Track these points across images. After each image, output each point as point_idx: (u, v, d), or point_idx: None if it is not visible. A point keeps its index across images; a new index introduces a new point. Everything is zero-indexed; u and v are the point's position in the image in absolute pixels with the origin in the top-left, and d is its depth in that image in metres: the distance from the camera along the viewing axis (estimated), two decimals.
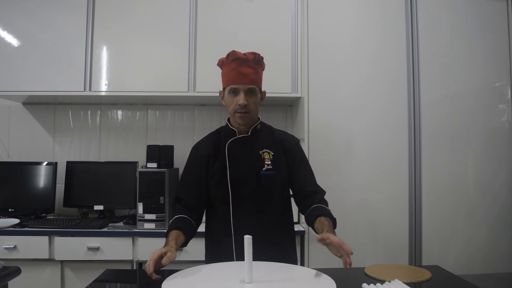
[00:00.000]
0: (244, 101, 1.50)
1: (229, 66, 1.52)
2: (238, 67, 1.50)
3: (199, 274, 1.31)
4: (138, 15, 2.52)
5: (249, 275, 1.19)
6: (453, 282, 1.38)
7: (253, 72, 1.52)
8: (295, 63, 2.50)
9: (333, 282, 1.21)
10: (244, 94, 1.50)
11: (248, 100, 1.51)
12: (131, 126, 2.89)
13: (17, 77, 2.49)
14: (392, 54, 2.41)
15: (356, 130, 2.38)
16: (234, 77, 1.51)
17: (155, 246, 2.22)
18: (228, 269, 1.36)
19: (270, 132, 1.65)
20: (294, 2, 2.52)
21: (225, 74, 1.55)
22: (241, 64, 1.51)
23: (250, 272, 1.19)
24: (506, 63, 2.46)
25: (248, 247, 1.20)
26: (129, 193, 2.57)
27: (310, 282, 1.24)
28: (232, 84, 1.51)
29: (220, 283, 1.25)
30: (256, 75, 1.54)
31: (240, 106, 1.50)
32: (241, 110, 1.51)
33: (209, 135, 1.68)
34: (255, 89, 1.53)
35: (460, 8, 2.44)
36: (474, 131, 2.41)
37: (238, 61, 1.51)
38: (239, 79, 1.50)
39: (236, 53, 1.52)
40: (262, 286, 1.18)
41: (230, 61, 1.52)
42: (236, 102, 1.51)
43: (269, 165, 1.56)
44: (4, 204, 2.58)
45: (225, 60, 1.55)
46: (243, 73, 1.50)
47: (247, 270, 1.19)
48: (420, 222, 2.35)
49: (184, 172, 1.63)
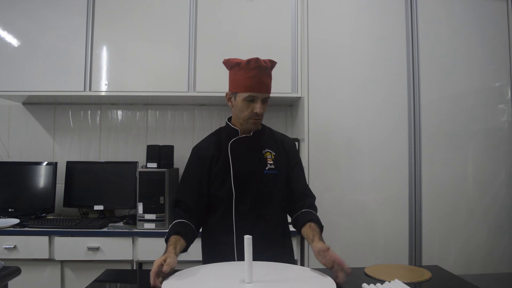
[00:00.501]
0: (261, 109, 1.51)
1: (249, 72, 1.49)
2: (259, 75, 1.49)
3: (199, 274, 1.31)
4: (138, 15, 2.52)
5: (249, 275, 1.19)
6: (453, 282, 1.38)
7: (270, 80, 1.55)
8: (295, 63, 2.50)
9: (333, 282, 1.21)
10: (261, 102, 1.51)
11: (263, 108, 1.53)
12: (131, 126, 2.89)
13: (17, 77, 2.49)
14: (392, 54, 2.41)
15: (356, 130, 2.38)
16: (254, 85, 1.49)
17: (155, 246, 2.25)
18: (228, 269, 1.36)
19: (270, 133, 1.67)
20: (294, 2, 2.52)
21: (243, 79, 1.51)
22: (262, 73, 1.50)
23: (250, 272, 1.19)
24: (506, 63, 2.46)
25: (248, 247, 1.20)
26: (129, 193, 2.57)
27: (310, 282, 1.24)
28: (252, 92, 1.50)
29: (220, 283, 1.25)
30: (271, 84, 1.56)
31: (256, 113, 1.51)
32: (256, 117, 1.52)
33: (208, 136, 1.67)
34: (269, 97, 1.56)
35: (460, 8, 2.45)
36: (474, 131, 2.41)
37: (260, 69, 1.49)
38: (260, 87, 1.50)
39: (259, 61, 1.50)
40: (262, 286, 1.18)
41: (251, 68, 1.49)
42: (252, 109, 1.51)
43: (272, 165, 1.57)
44: (4, 204, 2.58)
45: (244, 65, 1.51)
46: (264, 82, 1.50)
47: (247, 270, 1.19)
48: (420, 222, 2.36)
49: (185, 174, 1.62)
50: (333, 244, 2.30)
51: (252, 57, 1.51)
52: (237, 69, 1.52)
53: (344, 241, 2.32)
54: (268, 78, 1.53)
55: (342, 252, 2.29)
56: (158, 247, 2.25)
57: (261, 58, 1.51)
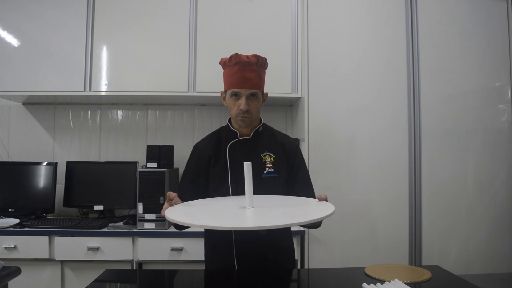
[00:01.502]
0: (245, 106, 1.48)
1: (231, 68, 1.50)
2: (241, 71, 1.48)
3: (201, 203, 1.33)
4: (138, 15, 2.52)
5: (249, 201, 1.21)
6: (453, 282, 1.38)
7: (256, 75, 1.51)
8: (295, 63, 2.50)
9: (332, 206, 1.21)
10: (246, 99, 1.49)
11: (250, 104, 1.50)
12: (131, 126, 2.89)
13: (17, 77, 2.49)
14: (392, 54, 2.41)
15: (356, 130, 2.38)
16: (236, 81, 1.49)
17: (155, 246, 2.25)
18: (229, 200, 1.40)
19: (271, 134, 1.65)
20: (294, 2, 2.52)
21: (227, 76, 1.53)
22: (244, 68, 1.49)
23: (251, 199, 1.21)
24: (506, 63, 2.46)
25: (248, 173, 1.21)
26: (129, 193, 2.57)
27: (310, 206, 1.26)
28: (234, 88, 1.50)
29: (221, 208, 1.27)
30: (258, 79, 1.52)
31: (241, 110, 1.49)
32: (242, 114, 1.50)
33: (209, 135, 1.67)
34: (257, 93, 1.52)
35: (460, 8, 2.45)
36: (474, 131, 2.41)
37: (241, 65, 1.49)
38: (242, 83, 1.48)
39: (239, 56, 1.49)
40: (262, 210, 1.19)
41: (232, 64, 1.50)
42: (237, 107, 1.50)
43: (271, 168, 1.55)
44: (4, 204, 2.58)
45: (227, 62, 1.53)
46: (246, 77, 1.48)
47: (247, 197, 1.20)
48: (420, 222, 2.36)
49: (185, 173, 1.63)
50: (333, 244, 2.32)
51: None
52: (225, 68, 1.55)
53: (344, 241, 2.32)
54: (252, 73, 1.49)
55: (342, 252, 2.31)
56: (158, 247, 2.26)
57: (243, 54, 1.51)
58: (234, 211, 1.20)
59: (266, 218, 1.15)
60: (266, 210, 1.19)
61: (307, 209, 1.24)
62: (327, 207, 1.20)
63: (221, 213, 1.22)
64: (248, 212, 1.17)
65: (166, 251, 2.25)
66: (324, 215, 1.08)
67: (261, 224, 1.03)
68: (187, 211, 1.23)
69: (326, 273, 1.28)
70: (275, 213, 1.19)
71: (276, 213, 1.19)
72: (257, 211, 1.17)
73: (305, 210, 1.23)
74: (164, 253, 2.25)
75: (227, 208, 1.25)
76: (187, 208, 1.25)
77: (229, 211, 1.22)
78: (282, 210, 1.22)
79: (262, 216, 1.16)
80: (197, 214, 1.22)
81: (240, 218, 1.14)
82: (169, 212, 1.19)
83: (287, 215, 1.16)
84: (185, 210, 1.23)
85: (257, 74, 1.51)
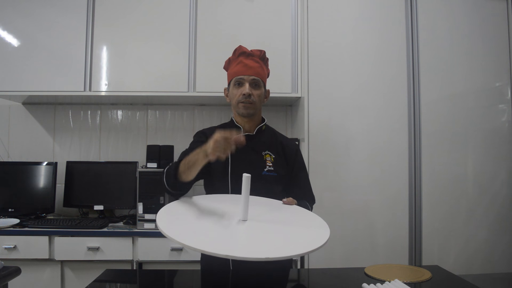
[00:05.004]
0: (248, 90, 1.51)
1: (235, 60, 1.56)
2: (245, 60, 1.54)
3: (196, 207, 1.31)
4: (138, 15, 2.52)
5: (244, 213, 1.21)
6: (453, 282, 1.38)
7: (259, 66, 1.56)
8: (295, 63, 2.50)
9: (328, 229, 1.21)
10: (249, 85, 1.52)
11: (253, 91, 1.52)
12: (131, 126, 2.89)
13: (17, 77, 2.49)
14: (392, 54, 2.41)
15: (356, 130, 2.38)
16: (239, 69, 1.54)
17: (155, 246, 2.25)
18: (227, 202, 1.38)
19: (273, 135, 1.65)
20: (294, 2, 2.52)
21: (232, 68, 1.58)
22: (247, 58, 1.55)
23: (246, 211, 1.21)
24: (506, 63, 2.46)
25: (246, 185, 1.21)
26: (129, 193, 2.57)
27: (306, 227, 1.25)
28: (238, 75, 1.54)
29: (215, 220, 1.24)
30: (261, 70, 1.56)
31: (244, 96, 1.51)
32: (245, 99, 1.51)
33: (213, 127, 1.66)
34: (260, 82, 1.55)
35: (460, 8, 2.45)
36: (474, 131, 2.41)
37: (244, 55, 1.55)
38: (245, 70, 1.53)
39: (242, 48, 1.56)
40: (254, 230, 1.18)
41: (236, 56, 1.56)
42: (240, 93, 1.52)
43: (271, 167, 1.56)
44: (4, 204, 2.58)
45: (231, 57, 1.59)
46: (249, 65, 1.53)
47: (243, 209, 1.21)
48: (420, 222, 2.36)
49: (185, 151, 1.58)
50: (333, 244, 2.31)
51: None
52: (229, 64, 1.60)
53: (344, 241, 2.32)
54: (256, 64, 1.55)
55: (342, 252, 2.31)
56: (158, 247, 2.26)
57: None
58: (228, 227, 1.18)
59: (258, 247, 1.13)
60: (259, 229, 1.18)
61: (301, 230, 1.22)
62: (323, 230, 1.21)
63: (214, 228, 1.19)
64: (241, 231, 1.17)
65: (166, 251, 2.25)
66: (317, 246, 1.13)
67: (252, 255, 1.01)
68: (181, 223, 1.21)
69: (326, 273, 1.28)
70: (268, 237, 1.17)
71: (269, 237, 1.17)
72: (250, 232, 1.16)
73: (299, 231, 1.22)
74: (164, 253, 2.25)
75: (221, 221, 1.22)
76: (180, 222, 1.22)
77: (222, 228, 1.19)
78: (275, 228, 1.21)
79: (254, 241, 1.15)
80: (190, 228, 1.21)
81: (233, 243, 1.13)
82: (161, 222, 1.19)
83: (280, 242, 1.16)
84: (178, 223, 1.21)
85: (259, 65, 1.56)
